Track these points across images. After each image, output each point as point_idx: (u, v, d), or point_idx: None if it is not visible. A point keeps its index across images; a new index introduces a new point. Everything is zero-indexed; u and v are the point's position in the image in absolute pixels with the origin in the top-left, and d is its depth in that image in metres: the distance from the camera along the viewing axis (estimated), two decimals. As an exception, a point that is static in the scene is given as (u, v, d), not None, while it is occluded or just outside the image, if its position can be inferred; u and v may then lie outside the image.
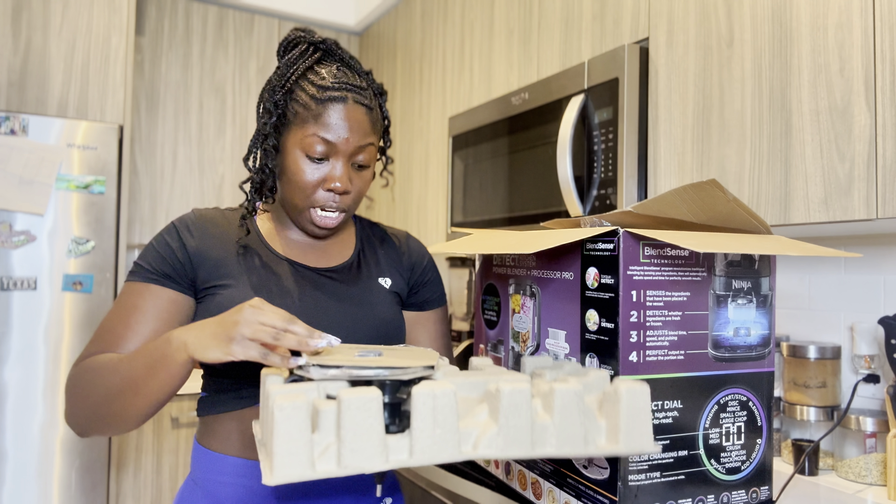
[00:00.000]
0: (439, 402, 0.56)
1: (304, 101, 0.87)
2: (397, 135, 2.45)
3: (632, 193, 1.31)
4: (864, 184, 0.97)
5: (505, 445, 0.58)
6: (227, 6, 2.59)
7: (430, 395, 0.56)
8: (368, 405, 0.55)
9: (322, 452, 0.55)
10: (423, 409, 0.56)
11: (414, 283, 1.03)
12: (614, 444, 0.61)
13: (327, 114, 0.86)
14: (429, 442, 0.56)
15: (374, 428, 0.55)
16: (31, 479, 1.83)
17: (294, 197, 0.90)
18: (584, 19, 1.51)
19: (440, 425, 0.56)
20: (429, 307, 1.04)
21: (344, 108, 0.87)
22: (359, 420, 0.55)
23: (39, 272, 1.86)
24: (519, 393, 0.58)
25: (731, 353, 0.81)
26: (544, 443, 0.59)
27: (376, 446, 0.55)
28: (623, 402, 0.61)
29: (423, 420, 0.56)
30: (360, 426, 0.55)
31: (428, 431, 0.56)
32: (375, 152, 0.93)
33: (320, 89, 0.87)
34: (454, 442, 0.57)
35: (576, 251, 0.80)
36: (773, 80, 1.11)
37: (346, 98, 0.87)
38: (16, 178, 1.84)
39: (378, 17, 2.65)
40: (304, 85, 0.88)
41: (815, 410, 1.23)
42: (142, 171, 2.44)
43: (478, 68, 1.94)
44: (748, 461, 0.82)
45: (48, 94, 1.95)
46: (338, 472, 0.55)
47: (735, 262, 0.81)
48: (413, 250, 1.04)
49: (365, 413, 0.55)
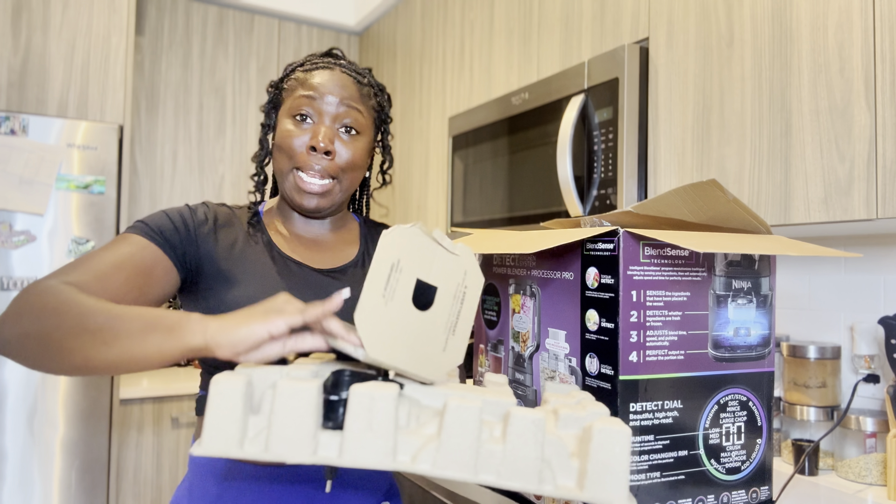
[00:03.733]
0: (376, 404, 0.54)
1: (295, 76, 0.91)
2: (397, 135, 2.45)
3: (632, 193, 1.31)
4: (864, 184, 0.97)
5: (444, 464, 0.54)
6: (227, 6, 2.59)
7: (367, 396, 0.54)
8: (301, 394, 0.54)
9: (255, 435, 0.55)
10: (357, 409, 0.54)
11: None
12: (578, 488, 0.54)
13: (312, 77, 0.89)
14: (358, 444, 0.54)
15: (304, 419, 0.53)
16: (31, 479, 1.83)
17: (281, 163, 0.90)
18: (584, 19, 1.51)
19: (374, 429, 0.54)
20: None
21: (330, 73, 0.89)
22: (290, 408, 0.53)
23: (39, 272, 1.86)
24: (466, 410, 0.54)
25: (731, 353, 0.81)
26: (488, 469, 0.54)
27: (304, 438, 0.53)
28: (594, 443, 0.54)
29: (356, 420, 0.54)
30: (290, 415, 0.53)
31: (359, 433, 0.54)
32: (367, 123, 0.93)
33: (310, 63, 0.91)
34: (388, 449, 0.54)
35: (576, 251, 0.81)
36: (773, 80, 1.11)
37: (332, 67, 0.90)
38: (16, 178, 1.84)
39: (378, 17, 2.65)
40: (296, 67, 0.93)
41: (815, 410, 1.23)
42: (142, 171, 2.44)
43: (478, 68, 1.94)
44: (748, 461, 0.82)
45: (48, 94, 1.95)
46: (264, 457, 0.53)
47: (735, 262, 0.81)
48: None
49: (297, 401, 0.53)
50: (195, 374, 2.39)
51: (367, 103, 0.93)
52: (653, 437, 0.75)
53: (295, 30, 2.72)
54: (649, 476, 0.75)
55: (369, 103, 0.94)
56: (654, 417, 0.75)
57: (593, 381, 0.77)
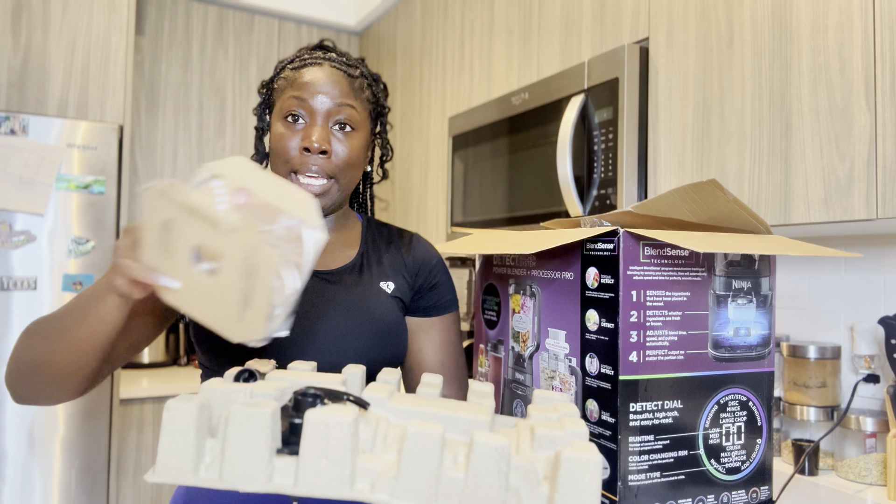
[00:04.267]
0: (332, 431, 0.51)
1: (285, 75, 0.89)
2: (397, 135, 2.45)
3: (632, 193, 1.31)
4: (864, 184, 0.97)
5: (402, 492, 0.51)
6: (227, 6, 2.59)
7: (322, 422, 0.51)
8: (254, 420, 0.51)
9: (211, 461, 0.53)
10: (312, 436, 0.51)
11: (419, 287, 0.97)
12: None
13: (302, 76, 0.87)
14: (314, 472, 0.51)
15: (257, 445, 0.51)
16: (31, 479, 1.83)
17: (277, 167, 0.87)
18: (584, 19, 1.51)
19: (329, 457, 0.51)
20: (435, 313, 0.97)
21: (320, 70, 0.87)
22: (242, 434, 0.51)
23: (39, 272, 1.86)
24: (426, 437, 0.51)
25: (731, 353, 0.81)
26: (448, 499, 0.51)
27: (258, 465, 0.51)
28: (562, 472, 0.51)
29: (311, 448, 0.51)
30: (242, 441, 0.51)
31: (314, 461, 0.51)
32: (362, 117, 0.91)
33: (299, 59, 0.89)
34: (345, 477, 0.51)
35: (576, 251, 0.81)
36: (773, 80, 1.11)
37: (322, 63, 0.88)
38: (16, 178, 1.84)
39: (378, 17, 2.65)
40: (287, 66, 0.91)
41: (815, 410, 1.23)
42: (142, 171, 2.44)
43: (478, 68, 1.94)
44: (748, 461, 0.82)
45: (48, 94, 1.95)
46: (218, 485, 0.52)
47: (735, 262, 0.81)
48: (418, 252, 0.98)
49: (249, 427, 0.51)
50: (195, 374, 2.39)
51: (360, 97, 0.90)
52: (653, 437, 0.75)
53: (295, 30, 2.72)
54: (649, 476, 0.75)
55: (363, 96, 0.91)
56: (654, 417, 0.75)
57: (593, 381, 0.77)
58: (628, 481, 0.74)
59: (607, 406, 0.75)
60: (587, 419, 0.78)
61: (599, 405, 0.77)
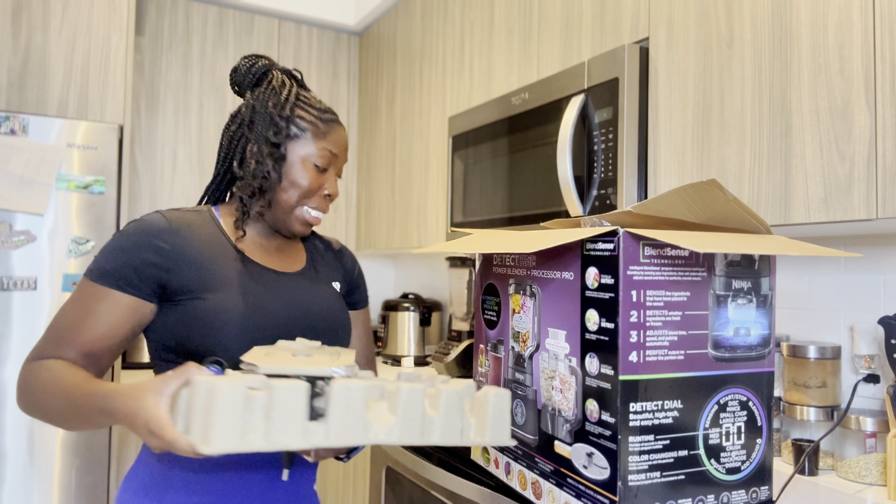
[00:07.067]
0: (352, 394, 0.68)
1: (311, 121, 1.01)
2: (397, 135, 2.45)
3: (632, 193, 1.31)
4: (864, 184, 0.97)
5: (401, 434, 0.70)
6: (227, 6, 2.59)
7: (346, 388, 0.69)
8: (298, 392, 0.67)
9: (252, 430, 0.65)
10: (339, 399, 0.68)
11: (350, 286, 1.17)
12: (481, 437, 0.74)
13: (333, 133, 1.03)
14: (342, 426, 0.68)
15: (299, 412, 0.66)
16: (31, 479, 1.83)
17: (291, 199, 1.00)
18: (584, 19, 1.51)
19: (352, 413, 0.68)
20: (359, 307, 1.19)
21: (340, 130, 1.05)
22: (288, 404, 0.66)
23: (39, 272, 1.86)
24: (415, 392, 0.71)
25: (731, 353, 0.81)
26: (431, 433, 0.72)
27: (299, 427, 0.66)
28: (491, 404, 0.74)
29: (339, 408, 0.68)
30: (288, 410, 0.66)
31: (342, 418, 0.68)
32: None
33: (321, 111, 1.03)
34: (362, 428, 0.69)
35: (576, 251, 0.81)
36: (773, 80, 1.11)
37: (339, 122, 1.06)
38: (16, 178, 1.84)
39: (378, 17, 2.65)
40: (303, 106, 1.01)
41: (815, 410, 1.23)
42: (142, 171, 2.44)
43: (478, 68, 1.94)
44: (748, 461, 0.82)
45: (48, 94, 1.95)
46: (265, 448, 0.65)
47: (735, 262, 0.81)
48: (347, 258, 1.19)
49: (294, 399, 0.66)
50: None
51: None
52: (653, 437, 0.75)
53: (295, 30, 2.72)
54: (649, 476, 0.75)
55: None
56: (655, 417, 0.75)
57: (593, 381, 0.77)
58: (628, 481, 0.74)
59: (607, 406, 0.75)
60: (587, 419, 0.78)
61: (599, 405, 0.77)
